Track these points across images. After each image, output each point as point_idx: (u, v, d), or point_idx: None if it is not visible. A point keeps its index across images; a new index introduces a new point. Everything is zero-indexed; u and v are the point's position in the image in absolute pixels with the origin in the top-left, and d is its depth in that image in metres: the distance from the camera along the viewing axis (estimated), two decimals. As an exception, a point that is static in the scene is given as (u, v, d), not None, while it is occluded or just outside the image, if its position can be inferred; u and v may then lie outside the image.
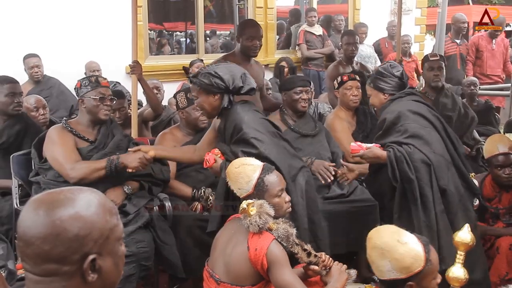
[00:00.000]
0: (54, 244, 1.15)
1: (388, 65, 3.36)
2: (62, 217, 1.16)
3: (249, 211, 2.29)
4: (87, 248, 1.18)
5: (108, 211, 1.24)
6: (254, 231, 2.31)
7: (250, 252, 2.32)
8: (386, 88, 3.34)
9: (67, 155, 3.12)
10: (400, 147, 3.03)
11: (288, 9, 9.20)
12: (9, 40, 5.65)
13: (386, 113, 3.19)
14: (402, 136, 3.08)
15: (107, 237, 1.21)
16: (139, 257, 3.01)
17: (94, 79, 3.31)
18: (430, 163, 2.99)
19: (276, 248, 2.31)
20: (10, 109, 3.75)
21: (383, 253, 1.96)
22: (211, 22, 8.45)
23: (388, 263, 1.96)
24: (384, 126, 3.16)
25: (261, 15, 7.65)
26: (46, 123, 4.22)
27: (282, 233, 2.33)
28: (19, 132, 3.79)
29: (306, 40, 7.62)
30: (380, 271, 2.00)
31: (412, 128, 3.09)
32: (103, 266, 1.21)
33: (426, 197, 2.96)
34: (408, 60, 7.65)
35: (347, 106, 4.18)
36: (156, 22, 8.02)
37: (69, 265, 1.17)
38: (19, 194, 3.51)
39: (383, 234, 2.01)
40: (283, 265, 2.30)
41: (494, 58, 7.42)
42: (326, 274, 2.43)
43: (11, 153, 3.58)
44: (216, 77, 2.92)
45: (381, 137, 3.18)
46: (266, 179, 2.47)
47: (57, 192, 1.23)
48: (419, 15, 9.71)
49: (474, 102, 5.49)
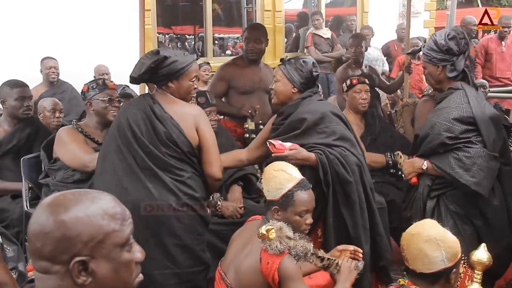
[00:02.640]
0: (44, 242, 1.19)
1: (311, 61, 3.11)
2: (55, 217, 1.20)
3: (269, 235, 2.25)
4: (76, 250, 1.19)
5: (109, 216, 1.24)
6: (274, 254, 2.28)
7: (262, 264, 2.29)
8: (298, 81, 3.06)
9: (83, 149, 3.19)
10: (330, 149, 2.91)
11: (296, 12, 9.21)
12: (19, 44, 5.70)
13: (304, 113, 2.99)
14: (330, 138, 2.95)
15: (101, 240, 1.21)
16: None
17: (101, 81, 3.35)
18: (360, 164, 2.97)
19: (288, 262, 2.27)
20: (20, 113, 3.78)
21: (438, 244, 2.04)
22: (220, 25, 8.47)
23: (442, 253, 2.04)
24: (304, 126, 2.96)
25: (269, 18, 7.66)
26: (58, 126, 4.25)
27: (301, 250, 2.31)
28: (29, 135, 3.82)
29: (314, 43, 7.62)
30: (432, 263, 2.05)
31: (339, 130, 3.00)
32: (97, 270, 1.21)
33: (361, 198, 2.93)
34: (417, 63, 7.62)
35: (355, 109, 4.17)
36: (165, 26, 8.06)
37: (59, 264, 1.20)
38: (29, 196, 3.54)
39: (429, 227, 2.12)
40: (296, 280, 2.27)
41: (503, 60, 7.37)
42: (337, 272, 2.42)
43: (21, 156, 3.61)
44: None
45: (298, 137, 2.97)
46: (297, 194, 2.41)
47: (62, 194, 1.27)
48: (428, 18, 9.69)
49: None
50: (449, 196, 2.87)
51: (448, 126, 2.79)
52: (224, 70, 4.40)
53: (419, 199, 2.92)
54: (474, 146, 2.78)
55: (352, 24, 8.21)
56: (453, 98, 2.88)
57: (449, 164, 2.78)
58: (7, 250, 2.69)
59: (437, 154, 2.84)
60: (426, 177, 2.92)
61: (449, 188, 2.86)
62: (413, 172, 2.96)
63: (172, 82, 2.78)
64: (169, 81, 2.78)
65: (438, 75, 2.96)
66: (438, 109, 2.90)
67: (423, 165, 2.89)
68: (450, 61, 2.91)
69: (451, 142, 2.79)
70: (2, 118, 3.90)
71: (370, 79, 4.33)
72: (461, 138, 2.79)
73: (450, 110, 2.83)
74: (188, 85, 2.81)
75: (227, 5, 8.89)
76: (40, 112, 4.19)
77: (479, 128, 2.80)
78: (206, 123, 2.82)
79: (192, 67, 2.80)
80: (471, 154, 2.77)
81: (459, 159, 2.78)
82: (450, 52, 2.89)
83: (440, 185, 2.89)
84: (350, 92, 4.18)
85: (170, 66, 2.73)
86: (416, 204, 2.92)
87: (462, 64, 2.91)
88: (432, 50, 2.94)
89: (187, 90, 2.82)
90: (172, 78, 2.77)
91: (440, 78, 2.96)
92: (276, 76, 3.11)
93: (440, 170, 2.83)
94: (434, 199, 2.89)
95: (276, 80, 3.11)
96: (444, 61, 2.92)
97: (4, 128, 3.83)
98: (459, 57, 2.90)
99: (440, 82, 2.99)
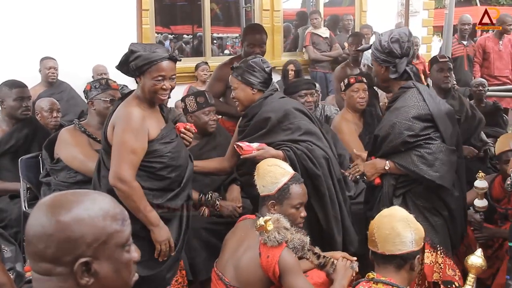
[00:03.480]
0: (47, 244, 1.18)
1: (259, 59, 3.15)
2: (58, 219, 1.19)
3: (267, 227, 2.29)
4: (80, 251, 1.19)
5: (111, 217, 1.25)
6: (273, 245, 2.31)
7: (262, 258, 2.32)
8: (255, 82, 3.09)
9: (87, 153, 3.18)
10: (297, 145, 2.96)
11: (295, 12, 9.20)
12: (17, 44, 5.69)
13: (268, 112, 3.03)
14: (296, 133, 3.00)
15: (104, 241, 1.22)
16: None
17: (104, 81, 3.35)
18: (328, 157, 3.03)
19: (288, 255, 2.32)
20: (19, 113, 3.78)
21: (409, 224, 2.13)
22: (218, 25, 8.46)
23: (412, 234, 2.12)
24: (269, 125, 3.00)
25: (267, 18, 7.66)
26: (56, 126, 4.25)
27: (298, 243, 2.35)
28: (27, 135, 3.82)
29: (312, 42, 7.62)
30: (402, 243, 2.11)
31: (304, 125, 3.05)
32: (99, 271, 1.22)
33: (330, 191, 3.00)
34: (416, 62, 7.62)
35: (354, 108, 4.18)
36: (163, 26, 8.05)
37: (62, 266, 1.19)
38: (28, 197, 3.54)
39: (400, 210, 2.23)
40: (296, 272, 2.31)
41: (501, 59, 7.37)
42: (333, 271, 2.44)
43: (19, 157, 3.61)
44: None
45: (265, 137, 3.00)
46: (292, 187, 2.48)
47: (62, 195, 1.26)
48: (426, 17, 9.68)
49: (482, 104, 5.46)
50: (414, 192, 2.93)
51: (409, 124, 2.85)
52: (222, 70, 4.39)
53: (385, 198, 2.95)
54: (434, 142, 2.86)
55: (349, 24, 8.20)
56: (408, 97, 2.93)
57: (413, 162, 2.84)
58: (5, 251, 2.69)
59: (399, 153, 2.89)
60: (389, 177, 2.95)
61: (413, 185, 2.92)
62: (375, 173, 2.98)
63: (140, 78, 2.64)
64: (136, 77, 2.67)
65: (383, 74, 3.03)
66: (395, 109, 2.94)
67: (385, 165, 2.92)
68: (392, 63, 2.96)
69: (412, 140, 2.84)
70: (0, 118, 3.91)
71: (368, 78, 4.33)
72: (421, 135, 2.85)
73: (408, 109, 2.88)
74: (150, 83, 2.60)
75: (225, 5, 8.88)
76: (38, 112, 4.19)
77: (437, 124, 2.87)
78: (117, 125, 2.60)
79: (158, 64, 2.58)
80: (433, 150, 2.85)
81: (421, 156, 2.84)
82: (392, 55, 2.94)
83: (405, 182, 2.94)
84: (348, 91, 4.19)
85: (135, 61, 2.60)
86: (383, 204, 2.91)
87: (403, 66, 2.96)
88: (377, 50, 3.00)
89: (150, 89, 2.61)
90: (138, 74, 2.63)
91: (384, 77, 3.03)
92: (233, 85, 3.13)
93: (404, 169, 2.88)
94: (400, 197, 2.94)
95: (234, 88, 3.13)
96: (386, 62, 2.98)
97: (2, 128, 3.84)
98: (401, 59, 2.95)
99: (385, 81, 3.06)
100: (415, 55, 7.65)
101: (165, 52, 2.67)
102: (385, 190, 2.97)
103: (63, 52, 5.80)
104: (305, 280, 2.34)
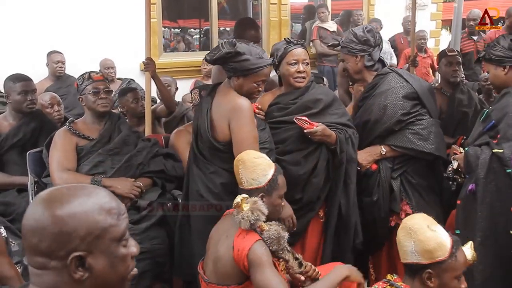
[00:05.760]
0: (41, 238, 1.19)
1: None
2: (52, 213, 1.19)
3: (242, 205, 2.27)
4: (73, 245, 1.19)
5: (106, 211, 1.24)
6: (245, 227, 2.26)
7: (234, 251, 2.29)
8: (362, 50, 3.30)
9: (60, 162, 3.18)
10: (347, 128, 3.07)
11: (302, 5, 9.16)
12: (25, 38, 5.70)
13: (318, 94, 3.14)
14: (344, 118, 3.11)
15: (99, 236, 1.22)
16: (154, 253, 3.03)
17: (87, 75, 3.35)
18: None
19: (258, 248, 2.26)
20: (24, 107, 3.79)
21: (409, 233, 2.03)
22: (225, 19, 8.43)
23: (412, 244, 2.03)
24: (322, 106, 3.08)
25: (275, 11, 7.63)
26: (61, 119, 4.27)
27: (274, 234, 2.29)
28: (34, 129, 3.82)
29: (320, 36, 7.58)
30: (404, 252, 2.06)
31: (347, 112, 3.22)
32: (94, 265, 1.21)
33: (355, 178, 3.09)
34: (424, 56, 7.58)
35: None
36: (171, 19, 8.04)
37: (56, 260, 1.19)
38: (35, 190, 3.54)
39: (415, 218, 2.12)
40: (264, 265, 2.23)
41: (511, 53, 7.31)
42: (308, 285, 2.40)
43: (27, 150, 3.62)
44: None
45: (316, 116, 3.05)
46: (279, 178, 2.49)
47: (58, 189, 1.27)
48: (435, 10, 9.61)
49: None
50: (410, 172, 3.15)
51: (400, 104, 3.08)
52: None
53: (384, 181, 3.12)
54: (424, 117, 3.12)
55: (358, 19, 8.16)
56: (390, 80, 3.16)
57: (409, 140, 3.07)
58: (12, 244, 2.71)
59: (393, 135, 3.10)
60: (385, 161, 3.13)
61: (409, 164, 3.14)
62: (372, 160, 3.14)
63: (238, 78, 2.75)
64: (235, 75, 2.76)
65: (357, 65, 3.23)
66: (381, 93, 3.15)
67: (381, 150, 3.11)
68: (367, 51, 3.19)
69: (405, 118, 3.07)
70: (7, 112, 3.92)
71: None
72: (412, 113, 3.09)
73: (395, 90, 3.12)
74: (251, 86, 2.76)
75: (232, -1, 8.85)
76: (41, 109, 4.18)
77: (422, 101, 3.13)
78: (237, 119, 2.71)
79: (262, 70, 2.74)
80: (425, 125, 3.10)
81: (415, 132, 3.07)
82: (367, 43, 3.18)
83: (401, 163, 3.14)
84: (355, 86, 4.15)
85: (241, 63, 2.71)
86: (383, 187, 3.12)
87: (378, 55, 3.23)
88: (351, 42, 3.21)
89: (249, 90, 2.77)
90: (240, 75, 2.75)
91: (358, 67, 3.23)
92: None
93: (401, 149, 3.09)
94: (397, 179, 3.13)
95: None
96: (362, 51, 3.19)
97: (9, 122, 3.85)
98: (375, 48, 3.21)
99: (358, 72, 3.26)
100: (423, 48, 7.60)
101: (267, 57, 2.83)
102: (382, 174, 3.12)
103: (70, 46, 5.81)
104: (273, 273, 2.25)
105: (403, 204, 3.15)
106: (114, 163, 3.27)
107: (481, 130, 2.92)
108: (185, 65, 6.84)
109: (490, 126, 2.88)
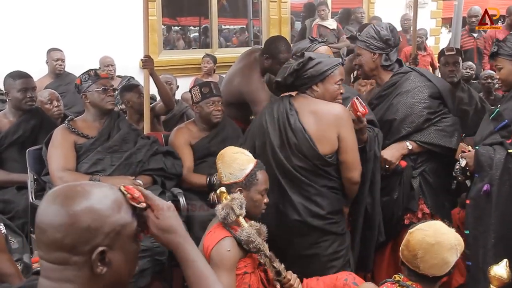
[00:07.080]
0: (66, 233, 1.19)
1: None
2: (76, 208, 1.20)
3: (222, 198, 2.31)
4: (98, 240, 1.21)
5: (123, 208, 1.28)
6: (219, 219, 2.31)
7: (204, 247, 2.33)
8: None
9: (59, 161, 3.18)
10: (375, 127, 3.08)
11: (302, 3, 9.15)
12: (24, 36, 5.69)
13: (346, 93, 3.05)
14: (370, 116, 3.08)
15: (119, 232, 1.24)
16: (154, 251, 3.02)
17: (93, 72, 3.35)
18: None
19: (220, 248, 2.27)
20: (23, 104, 3.78)
21: (456, 249, 2.10)
22: (225, 16, 8.42)
23: (458, 255, 2.11)
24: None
25: (275, 9, 7.62)
26: (60, 115, 4.27)
27: (244, 235, 2.28)
28: (34, 126, 3.82)
29: (320, 34, 7.57)
30: (448, 267, 2.10)
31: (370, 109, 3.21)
32: (113, 260, 1.24)
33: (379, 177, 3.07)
34: (424, 54, 7.57)
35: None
36: (170, 17, 8.02)
37: (79, 255, 1.20)
38: (35, 188, 3.54)
39: (448, 233, 2.14)
40: (219, 267, 2.21)
41: None
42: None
43: (26, 148, 3.61)
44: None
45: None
46: (258, 173, 2.49)
47: (74, 185, 1.28)
48: (435, 8, 9.60)
49: (491, 96, 5.41)
50: (428, 171, 3.18)
51: (427, 103, 3.13)
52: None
53: (406, 180, 3.15)
54: (448, 115, 3.20)
55: (361, 17, 8.16)
56: (414, 79, 3.20)
57: (435, 136, 3.12)
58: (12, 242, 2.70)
59: (419, 132, 3.13)
60: (407, 159, 3.15)
61: (428, 163, 3.18)
62: (399, 156, 3.13)
63: (317, 85, 2.73)
64: (314, 83, 2.73)
65: (373, 62, 3.21)
66: (405, 92, 3.15)
67: (408, 146, 3.12)
68: (386, 50, 3.21)
69: (433, 117, 3.14)
70: (7, 110, 3.91)
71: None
72: (438, 111, 3.17)
73: (421, 89, 3.16)
74: (333, 88, 2.74)
75: (232, -4, 8.84)
76: (40, 106, 4.17)
77: (444, 99, 3.21)
78: (346, 125, 2.69)
79: (338, 69, 2.74)
80: (451, 123, 3.18)
81: (442, 129, 3.14)
82: (388, 43, 3.18)
83: (422, 162, 3.18)
84: (356, 84, 4.16)
85: (315, 68, 2.70)
86: (404, 186, 3.15)
87: (396, 55, 3.28)
88: (372, 38, 3.19)
89: (333, 93, 2.74)
90: (317, 81, 2.72)
91: (375, 65, 3.22)
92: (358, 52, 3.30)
93: (427, 145, 3.13)
94: (417, 178, 3.17)
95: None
96: (380, 50, 3.19)
97: (9, 119, 3.84)
98: (394, 49, 3.25)
99: (374, 69, 3.24)
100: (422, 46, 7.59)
101: (338, 59, 2.84)
102: (405, 172, 3.14)
103: (70, 43, 5.80)
104: (227, 277, 2.23)
105: (420, 202, 3.17)
106: (113, 160, 3.27)
107: (492, 129, 2.87)
108: (185, 63, 6.83)
109: (502, 126, 2.84)
